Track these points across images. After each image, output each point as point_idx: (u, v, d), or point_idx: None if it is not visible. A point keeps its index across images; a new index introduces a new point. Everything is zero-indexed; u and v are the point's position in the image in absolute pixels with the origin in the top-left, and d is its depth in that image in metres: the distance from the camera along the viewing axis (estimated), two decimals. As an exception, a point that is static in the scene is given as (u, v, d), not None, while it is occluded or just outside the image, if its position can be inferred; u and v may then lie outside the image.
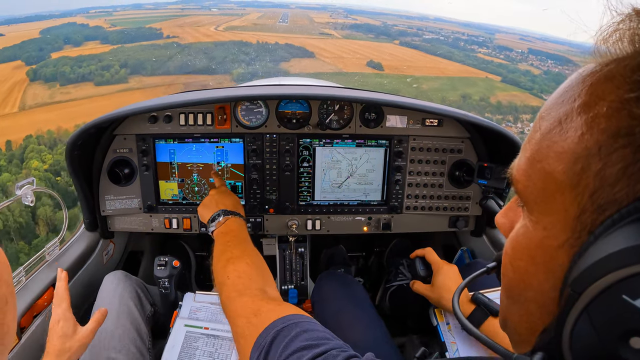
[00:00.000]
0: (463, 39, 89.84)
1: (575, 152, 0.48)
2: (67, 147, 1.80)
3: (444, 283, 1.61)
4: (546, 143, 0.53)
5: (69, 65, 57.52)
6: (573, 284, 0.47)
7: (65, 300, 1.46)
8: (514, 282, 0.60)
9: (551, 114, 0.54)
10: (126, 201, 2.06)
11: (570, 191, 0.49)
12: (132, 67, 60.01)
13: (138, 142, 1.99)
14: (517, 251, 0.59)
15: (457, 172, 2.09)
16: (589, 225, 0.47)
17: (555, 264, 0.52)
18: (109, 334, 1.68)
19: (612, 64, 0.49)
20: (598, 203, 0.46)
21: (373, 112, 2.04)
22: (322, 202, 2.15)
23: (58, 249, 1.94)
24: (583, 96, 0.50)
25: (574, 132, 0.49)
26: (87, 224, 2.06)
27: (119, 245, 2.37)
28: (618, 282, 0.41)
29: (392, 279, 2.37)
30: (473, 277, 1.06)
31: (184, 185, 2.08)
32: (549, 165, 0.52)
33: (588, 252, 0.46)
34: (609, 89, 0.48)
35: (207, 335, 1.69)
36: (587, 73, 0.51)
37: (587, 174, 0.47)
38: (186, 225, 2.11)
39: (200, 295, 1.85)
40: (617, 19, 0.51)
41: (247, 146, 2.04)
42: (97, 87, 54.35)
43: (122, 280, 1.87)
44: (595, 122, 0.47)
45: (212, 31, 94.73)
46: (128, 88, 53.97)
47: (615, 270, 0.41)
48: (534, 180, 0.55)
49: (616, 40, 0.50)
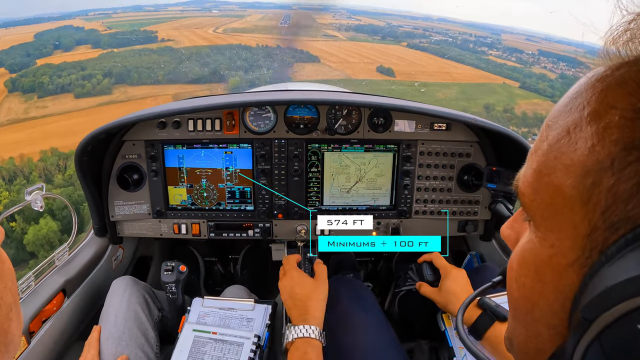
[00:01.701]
0: (471, 41, 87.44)
1: (586, 165, 0.45)
2: (76, 153, 1.82)
3: (451, 288, 1.60)
4: (554, 154, 0.49)
5: (48, 74, 52.42)
6: (584, 311, 0.43)
7: (94, 348, 1.63)
8: (520, 300, 0.57)
9: (559, 122, 0.50)
10: (135, 207, 2.06)
11: (581, 207, 0.45)
12: (117, 76, 54.47)
13: (147, 148, 2.00)
14: (523, 268, 0.55)
15: (466, 176, 2.08)
16: (601, 245, 0.44)
17: (565, 284, 0.48)
18: (116, 339, 1.68)
19: (623, 68, 0.46)
20: (610, 221, 0.42)
21: (381, 117, 2.04)
22: (330, 207, 2.14)
23: (67, 254, 1.95)
24: (593, 103, 0.46)
25: (583, 143, 0.45)
26: (96, 229, 2.07)
27: (128, 251, 2.37)
28: (633, 311, 0.38)
29: (401, 283, 2.35)
30: (478, 293, 1.04)
31: (193, 190, 2.08)
32: (557, 179, 0.48)
33: (599, 274, 0.42)
34: (620, 96, 0.44)
35: (216, 340, 1.69)
36: (596, 78, 0.48)
37: (599, 189, 0.43)
38: (195, 230, 2.12)
39: (208, 300, 1.84)
40: (627, 19, 0.47)
41: (256, 151, 2.04)
42: (77, 100, 49.17)
43: (130, 286, 1.88)
44: (606, 132, 0.43)
45: (210, 34, 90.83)
46: (110, 101, 49.99)
47: (630, 299, 0.38)
48: (541, 194, 0.51)
49: (627, 40, 0.47)
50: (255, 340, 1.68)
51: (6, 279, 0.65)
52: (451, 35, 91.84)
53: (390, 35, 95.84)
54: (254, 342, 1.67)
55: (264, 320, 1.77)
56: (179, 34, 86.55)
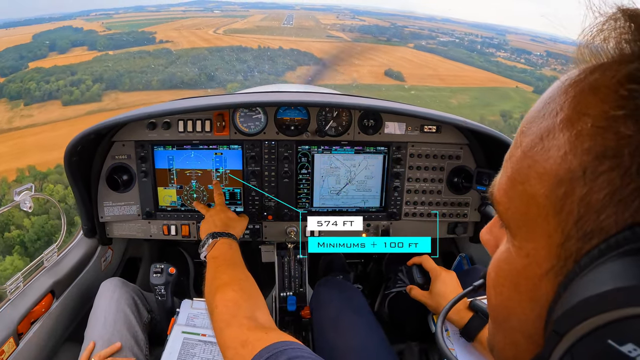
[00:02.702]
0: (478, 42, 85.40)
1: (558, 174, 0.44)
2: (65, 153, 1.81)
3: (441, 290, 1.60)
4: (527, 162, 0.48)
5: (36, 80, 48.08)
6: (556, 324, 0.42)
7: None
8: (498, 308, 0.56)
9: (532, 128, 0.49)
10: (125, 207, 2.06)
11: (554, 217, 0.44)
12: (107, 81, 49.86)
13: (137, 149, 2.00)
14: (500, 277, 0.55)
15: (455, 178, 2.09)
16: (575, 254, 0.43)
17: (540, 293, 0.47)
18: (105, 341, 1.67)
19: (597, 72, 0.44)
20: (584, 230, 0.42)
21: (371, 119, 2.04)
22: (320, 208, 2.15)
23: (56, 254, 1.94)
24: (566, 110, 0.45)
25: (556, 151, 0.44)
26: (85, 230, 2.06)
27: (117, 252, 2.36)
28: (603, 326, 0.37)
29: (391, 285, 2.36)
30: (458, 299, 1.04)
31: (183, 191, 2.08)
32: (531, 187, 0.47)
33: (573, 286, 0.42)
34: (593, 103, 0.43)
35: (205, 342, 1.69)
36: (569, 82, 0.46)
37: (572, 199, 0.42)
38: (185, 231, 2.11)
39: (197, 302, 1.85)
40: (600, 20, 0.46)
41: (246, 153, 2.04)
42: (64, 108, 44.31)
43: (119, 287, 1.87)
44: (578, 140, 0.42)
45: (211, 35, 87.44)
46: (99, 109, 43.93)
47: (601, 313, 0.37)
48: (515, 202, 0.50)
49: (601, 42, 0.46)
50: None
51: None
52: (457, 36, 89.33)
53: (396, 36, 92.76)
54: None
55: None
56: (178, 35, 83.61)
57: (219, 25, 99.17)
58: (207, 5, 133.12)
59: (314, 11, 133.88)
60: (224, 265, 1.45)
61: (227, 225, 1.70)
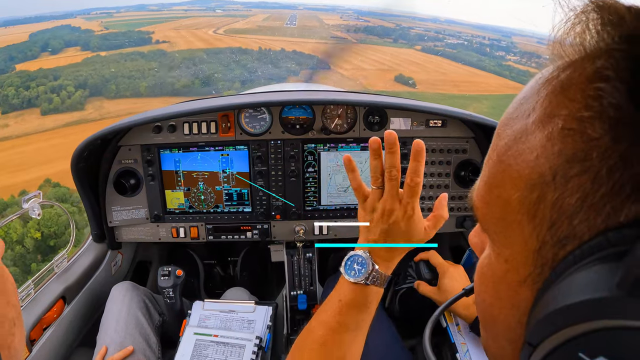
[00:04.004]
0: (486, 44, 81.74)
1: (531, 178, 0.42)
2: (72, 159, 1.82)
3: (450, 285, 1.60)
4: (502, 166, 0.46)
5: (16, 85, 42.35)
6: (528, 335, 0.41)
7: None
8: (484, 313, 0.56)
9: (506, 131, 0.47)
10: (133, 212, 2.06)
11: (528, 222, 0.43)
12: (92, 87, 43.93)
13: (143, 153, 2.00)
14: (483, 284, 0.54)
15: (462, 172, 2.08)
16: (551, 261, 0.42)
17: (520, 300, 0.46)
18: (118, 345, 1.68)
19: (569, 69, 0.42)
20: (558, 236, 0.41)
21: (377, 115, 2.04)
22: (328, 206, 2.14)
23: (66, 261, 1.95)
24: (537, 110, 0.43)
25: (529, 154, 0.43)
26: (94, 235, 2.06)
27: (127, 256, 2.37)
28: (574, 338, 0.36)
29: (400, 281, 2.35)
30: (450, 303, 1.03)
31: (190, 194, 2.08)
32: (506, 192, 0.45)
33: (547, 296, 0.41)
34: (563, 103, 0.41)
35: (217, 342, 1.69)
36: (542, 81, 0.44)
37: (544, 204, 0.41)
38: (193, 233, 2.11)
39: (209, 303, 1.85)
40: (571, 14, 0.44)
41: (252, 153, 2.04)
42: (43, 118, 38.71)
43: (130, 291, 1.88)
44: (549, 142, 0.41)
45: (210, 35, 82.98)
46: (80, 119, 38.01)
47: (571, 325, 0.36)
48: (492, 208, 0.49)
49: (574, 37, 0.43)
50: (256, 342, 1.68)
51: (9, 295, 0.64)
52: (465, 38, 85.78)
53: (402, 38, 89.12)
54: (255, 344, 1.67)
55: (265, 322, 1.78)
56: (176, 35, 79.68)
57: (219, 25, 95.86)
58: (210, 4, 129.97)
59: (317, 11, 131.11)
60: (357, 310, 1.11)
61: (393, 256, 1.18)
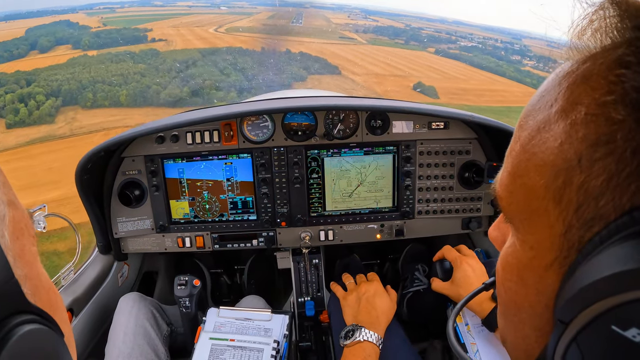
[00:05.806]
0: (500, 47, 78.91)
1: (556, 165, 0.44)
2: (76, 171, 1.82)
3: (462, 280, 1.63)
4: (526, 155, 0.49)
5: None
6: (560, 313, 0.43)
7: None
8: (507, 303, 0.57)
9: (529, 122, 0.50)
10: (138, 222, 2.07)
11: (554, 207, 0.45)
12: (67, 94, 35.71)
13: (147, 163, 2.01)
14: (507, 272, 0.55)
15: (466, 173, 2.08)
16: (577, 243, 0.43)
17: (546, 285, 0.48)
18: (126, 356, 1.68)
19: (588, 62, 0.45)
20: (584, 218, 0.42)
21: (379, 119, 2.04)
22: (333, 212, 2.14)
23: (73, 273, 1.95)
24: (560, 101, 0.46)
25: (553, 142, 0.45)
26: (100, 247, 2.07)
27: (133, 267, 2.37)
28: (606, 311, 0.37)
29: (408, 285, 2.34)
30: (469, 298, 1.03)
31: (195, 203, 2.08)
32: (530, 180, 0.48)
33: (576, 274, 0.42)
34: (585, 91, 0.43)
35: (234, 347, 1.67)
36: (563, 74, 0.47)
37: (570, 188, 0.43)
38: (199, 243, 2.11)
39: (224, 310, 1.82)
40: (589, 10, 0.47)
41: (256, 161, 2.04)
42: (7, 132, 31.63)
43: (137, 302, 1.88)
44: (573, 129, 0.43)
45: (210, 33, 76.79)
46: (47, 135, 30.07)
47: (603, 299, 0.37)
48: (516, 197, 0.51)
49: (592, 32, 0.46)
50: (275, 345, 1.66)
51: None
52: (478, 40, 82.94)
53: (413, 39, 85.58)
54: (273, 348, 1.65)
55: (282, 330, 1.75)
56: (174, 33, 73.11)
57: (222, 22, 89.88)
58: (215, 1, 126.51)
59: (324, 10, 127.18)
60: None
61: (379, 320, 1.69)
